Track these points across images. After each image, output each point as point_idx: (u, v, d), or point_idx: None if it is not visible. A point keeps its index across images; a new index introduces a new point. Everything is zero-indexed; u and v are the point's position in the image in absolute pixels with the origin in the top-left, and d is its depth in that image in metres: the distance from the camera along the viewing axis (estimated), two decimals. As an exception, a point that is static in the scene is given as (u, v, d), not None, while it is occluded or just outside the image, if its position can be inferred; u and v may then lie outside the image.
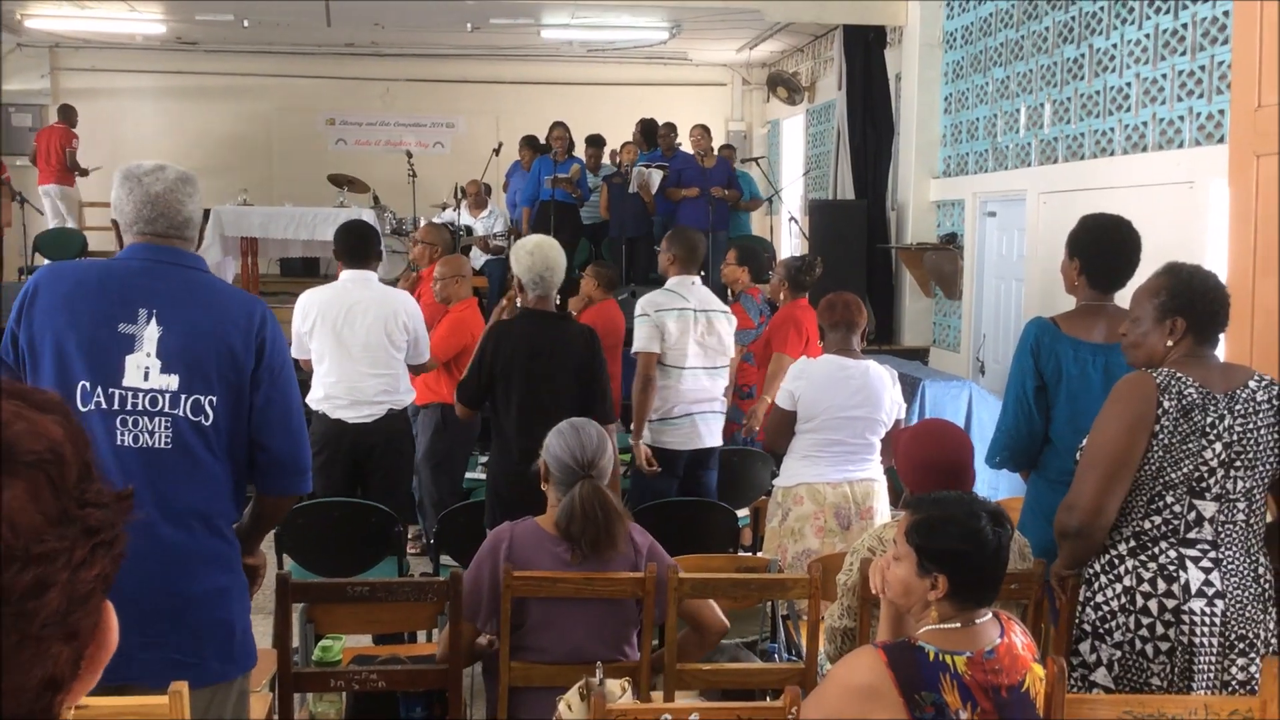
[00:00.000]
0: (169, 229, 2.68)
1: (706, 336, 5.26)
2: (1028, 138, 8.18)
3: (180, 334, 2.58)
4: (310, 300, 5.21)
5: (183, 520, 2.57)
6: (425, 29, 13.03)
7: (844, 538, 4.43)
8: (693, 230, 5.96)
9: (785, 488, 4.58)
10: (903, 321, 10.26)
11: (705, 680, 3.19)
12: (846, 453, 4.50)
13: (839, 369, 4.53)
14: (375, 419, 5.19)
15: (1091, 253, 3.48)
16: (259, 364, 2.65)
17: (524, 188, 10.89)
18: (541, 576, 3.04)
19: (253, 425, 2.67)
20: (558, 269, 4.58)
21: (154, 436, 2.55)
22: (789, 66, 13.98)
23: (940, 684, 2.33)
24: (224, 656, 2.60)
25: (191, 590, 2.56)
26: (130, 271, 2.65)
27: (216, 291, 2.72)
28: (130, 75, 14.67)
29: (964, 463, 3.13)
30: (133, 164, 2.75)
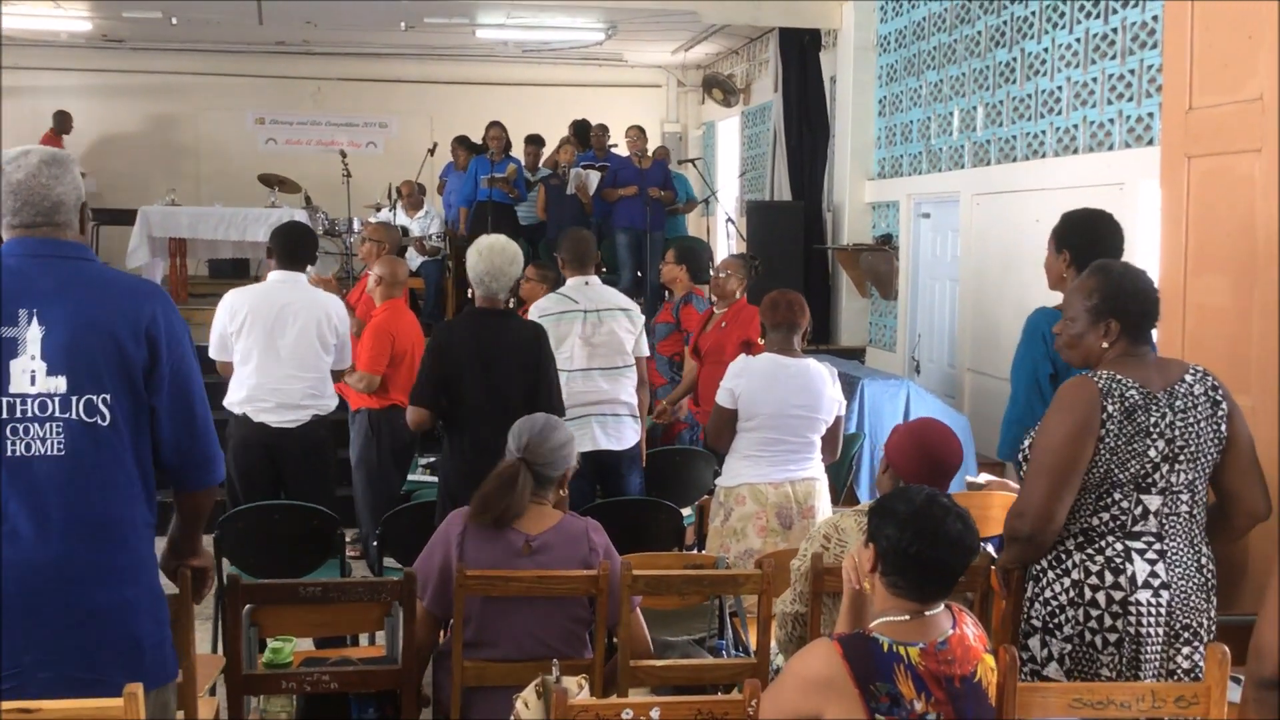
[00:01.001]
0: (36, 216, 2.52)
1: (596, 336, 5.22)
2: (961, 140, 8.31)
3: (64, 332, 2.43)
4: (239, 300, 5.12)
5: (80, 532, 2.43)
6: (358, 28, 12.91)
7: (786, 537, 4.46)
8: (581, 230, 5.92)
9: (728, 488, 4.60)
10: (839, 321, 10.37)
11: (659, 677, 3.21)
12: (788, 452, 4.53)
13: (779, 368, 4.55)
14: (300, 424, 5.11)
15: (1083, 244, 3.50)
16: (154, 357, 2.51)
17: (460, 188, 10.82)
18: (495, 575, 3.03)
19: (156, 423, 2.55)
20: (504, 274, 4.58)
21: (45, 444, 2.41)
22: (724, 68, 14.06)
23: (895, 675, 2.37)
24: (131, 673, 2.40)
25: (90, 606, 2.43)
26: (7, 271, 2.48)
27: (102, 282, 2.54)
28: (55, 74, 14.34)
29: (952, 463, 3.20)
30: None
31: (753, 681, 2.32)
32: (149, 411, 2.53)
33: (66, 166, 2.58)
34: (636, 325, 5.35)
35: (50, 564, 2.39)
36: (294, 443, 5.10)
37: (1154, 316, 3.00)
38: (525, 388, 4.45)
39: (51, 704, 2.06)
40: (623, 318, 5.29)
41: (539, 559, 3.19)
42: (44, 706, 2.02)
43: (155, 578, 2.60)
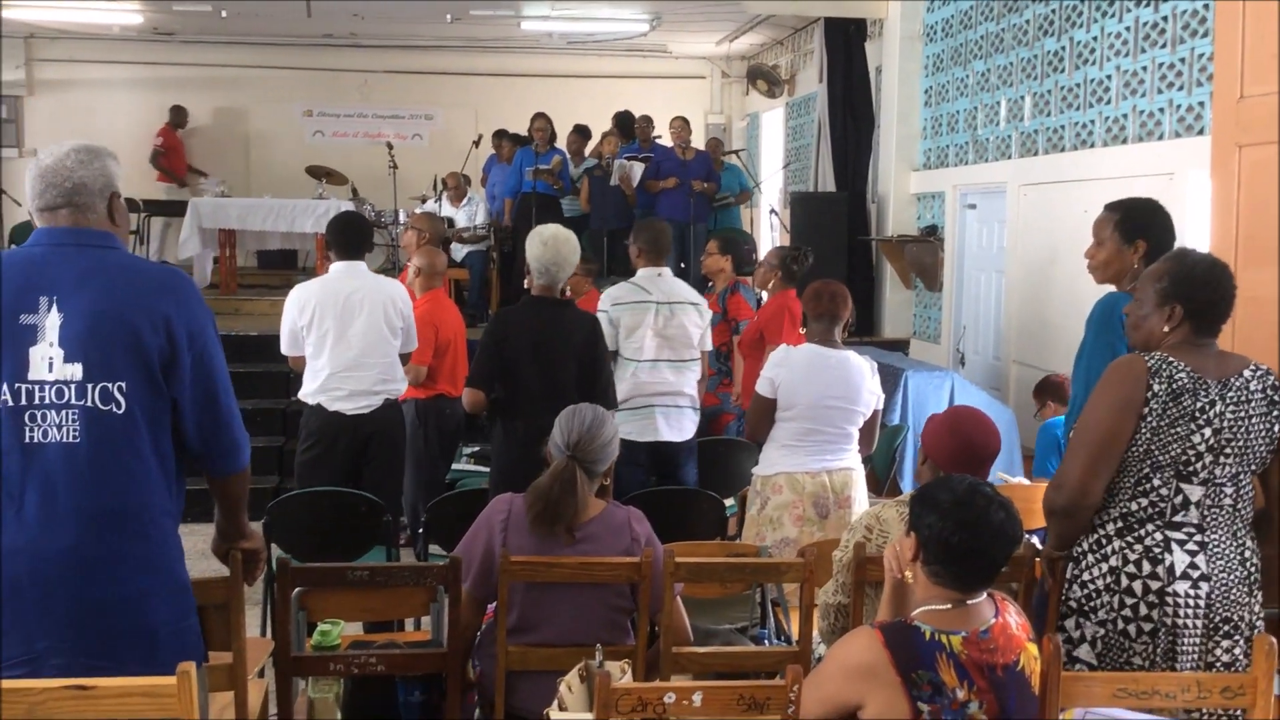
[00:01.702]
0: (58, 198, 2.54)
1: (668, 329, 5.26)
2: (1008, 130, 8.25)
3: (80, 320, 2.45)
4: (306, 293, 5.19)
5: (94, 520, 2.44)
6: (404, 20, 12.98)
7: (821, 526, 4.47)
8: (659, 221, 5.97)
9: (764, 476, 4.61)
10: (883, 313, 10.32)
11: (701, 664, 3.22)
12: (825, 442, 4.54)
13: (819, 358, 4.56)
14: (373, 409, 5.18)
15: (1158, 234, 3.44)
16: (173, 346, 2.51)
17: (505, 179, 10.88)
18: (538, 562, 3.06)
19: (179, 412, 2.56)
20: (565, 263, 4.66)
21: (61, 430, 2.43)
22: (769, 59, 14.02)
23: (937, 663, 2.37)
24: (146, 661, 2.44)
25: (103, 594, 2.44)
26: (30, 259, 2.52)
27: (123, 271, 2.55)
28: (106, 66, 14.53)
29: (990, 453, 3.19)
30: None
31: (795, 668, 2.34)
32: (169, 400, 2.54)
33: (97, 155, 2.60)
34: (704, 319, 5.40)
35: (64, 551, 2.42)
36: (370, 426, 5.17)
37: (1223, 311, 2.95)
38: (579, 377, 4.51)
39: (106, 681, 2.11)
40: (693, 311, 5.34)
41: (581, 548, 3.22)
42: (99, 684, 2.07)
43: (176, 565, 2.61)
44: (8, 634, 2.40)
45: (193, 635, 2.63)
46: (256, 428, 8.28)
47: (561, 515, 3.19)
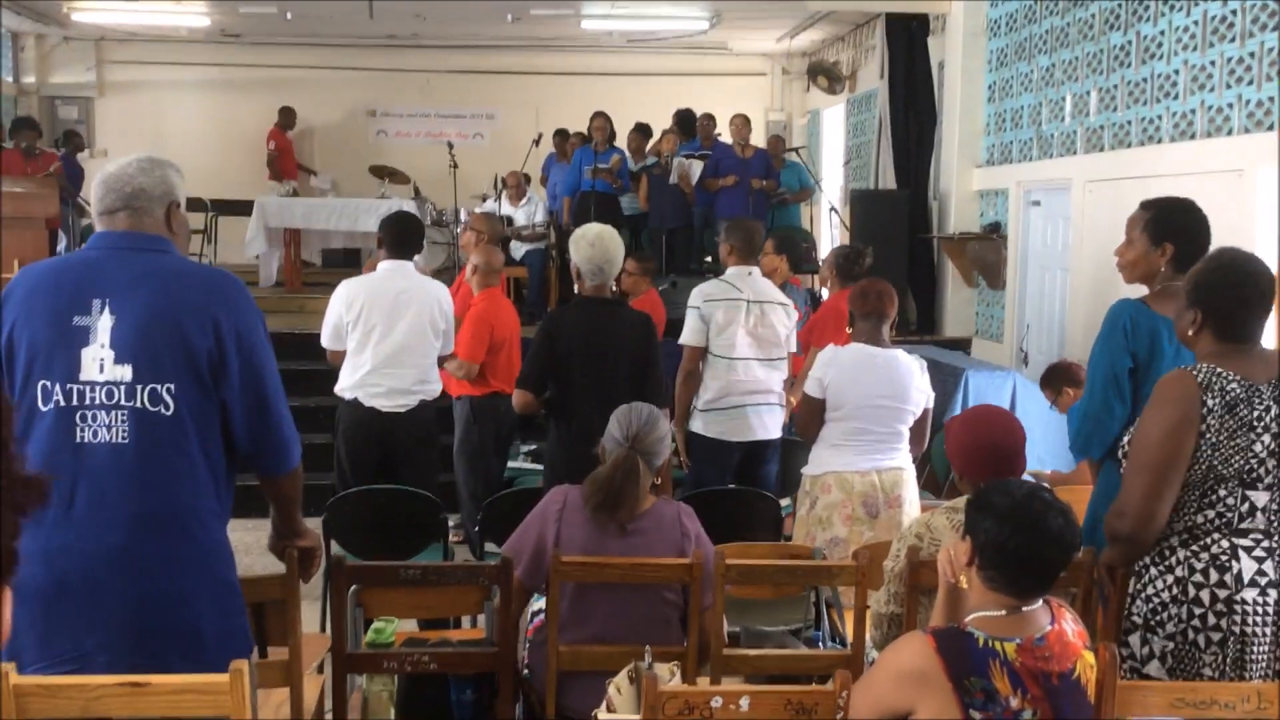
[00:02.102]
0: (116, 202, 2.59)
1: (759, 328, 5.25)
2: (1073, 126, 8.12)
3: (131, 322, 2.49)
4: (354, 289, 5.25)
5: (142, 520, 2.47)
6: (466, 20, 13.08)
7: (871, 526, 4.44)
8: (752, 221, 5.98)
9: (813, 476, 4.59)
10: (945, 312, 10.21)
11: (752, 666, 3.21)
12: (874, 441, 4.50)
13: (867, 357, 4.52)
14: (408, 409, 5.22)
15: (1185, 237, 3.38)
16: (221, 349, 2.54)
17: (565, 178, 10.91)
18: (590, 561, 3.07)
19: (228, 413, 2.58)
20: (616, 261, 4.67)
21: (111, 431, 2.46)
22: (830, 56, 13.92)
23: (990, 670, 2.34)
24: (192, 662, 2.46)
25: (151, 595, 2.47)
26: (86, 262, 2.57)
27: (175, 274, 2.58)
28: (174, 68, 14.81)
29: (1014, 447, 3.12)
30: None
31: (844, 673, 2.32)
32: (217, 402, 2.56)
33: (159, 164, 2.66)
34: (791, 319, 5.40)
35: (112, 550, 2.45)
36: (404, 427, 5.22)
37: (1243, 316, 2.86)
38: (632, 377, 4.51)
39: (161, 678, 2.14)
40: (781, 311, 5.34)
41: (632, 541, 3.24)
42: (153, 680, 2.10)
43: (223, 566, 2.63)
44: (57, 632, 2.44)
45: (240, 635, 2.65)
46: (317, 425, 8.36)
47: (623, 503, 3.24)
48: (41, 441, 2.47)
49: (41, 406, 2.47)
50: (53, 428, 2.47)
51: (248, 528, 5.21)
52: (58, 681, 2.21)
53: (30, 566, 2.42)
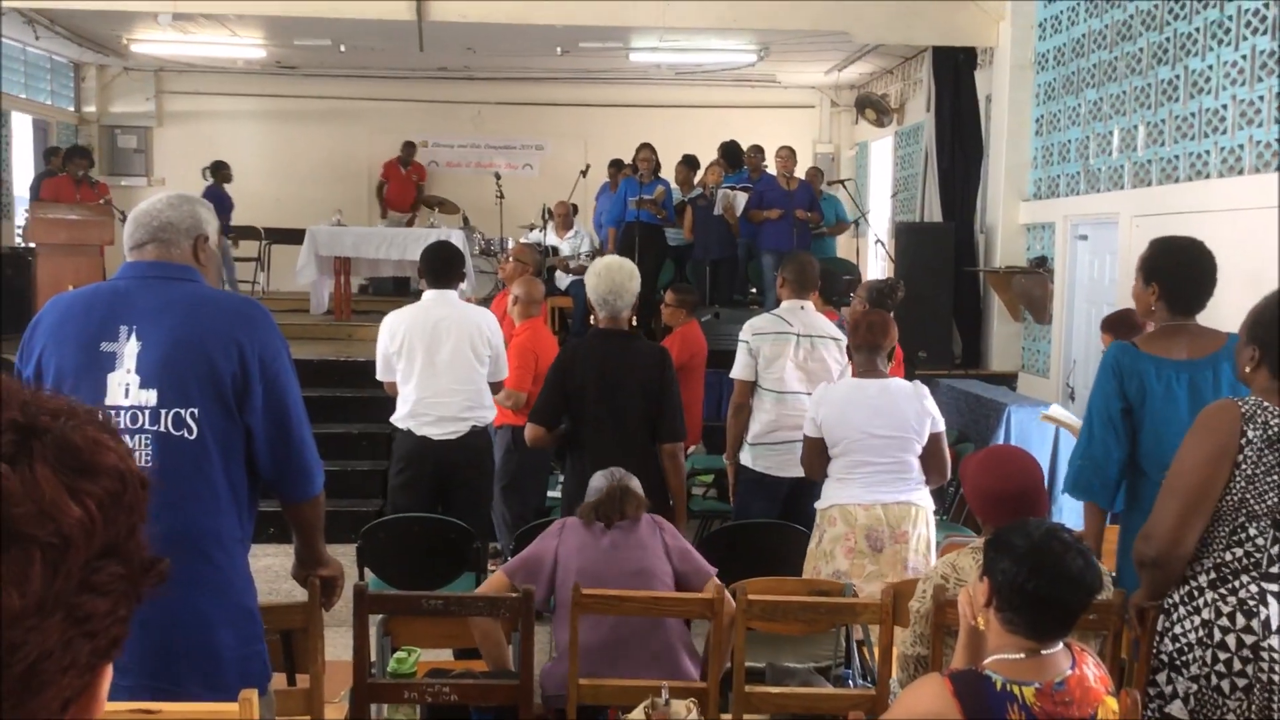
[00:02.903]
0: (145, 236, 2.65)
1: (809, 362, 5.23)
2: (1121, 160, 8.04)
3: (157, 348, 2.53)
4: (397, 320, 5.32)
5: (164, 544, 2.41)
6: (516, 53, 13.21)
7: (875, 560, 4.38)
8: (806, 254, 5.97)
9: (821, 509, 4.56)
10: (990, 346, 10.12)
11: (774, 704, 3.19)
12: (877, 473, 4.43)
13: (856, 390, 4.50)
14: (459, 435, 5.26)
15: (1170, 276, 3.41)
16: (245, 374, 2.56)
17: (609, 209, 10.97)
18: (610, 595, 3.07)
19: (252, 439, 2.60)
20: (625, 292, 4.66)
21: (135, 455, 2.46)
22: (878, 88, 13.90)
23: (1007, 714, 2.30)
24: (210, 686, 2.48)
25: (169, 617, 2.47)
26: (114, 290, 2.62)
27: (201, 302, 2.62)
28: (231, 99, 15.10)
29: (1031, 490, 3.08)
30: None
31: (856, 715, 2.30)
32: (242, 427, 2.59)
33: (188, 200, 2.72)
34: (844, 355, 5.31)
35: None
36: (456, 453, 5.26)
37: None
38: (646, 409, 4.49)
39: (172, 706, 2.17)
40: (833, 346, 5.30)
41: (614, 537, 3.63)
42: (164, 708, 2.12)
43: (243, 592, 2.64)
44: None
45: (258, 662, 2.65)
46: (362, 451, 8.46)
47: (625, 513, 3.67)
48: None
49: None
50: None
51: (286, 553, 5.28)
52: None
53: None
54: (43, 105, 13.93)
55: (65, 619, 0.76)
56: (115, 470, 0.81)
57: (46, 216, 9.74)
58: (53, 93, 14.21)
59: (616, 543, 3.62)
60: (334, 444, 8.20)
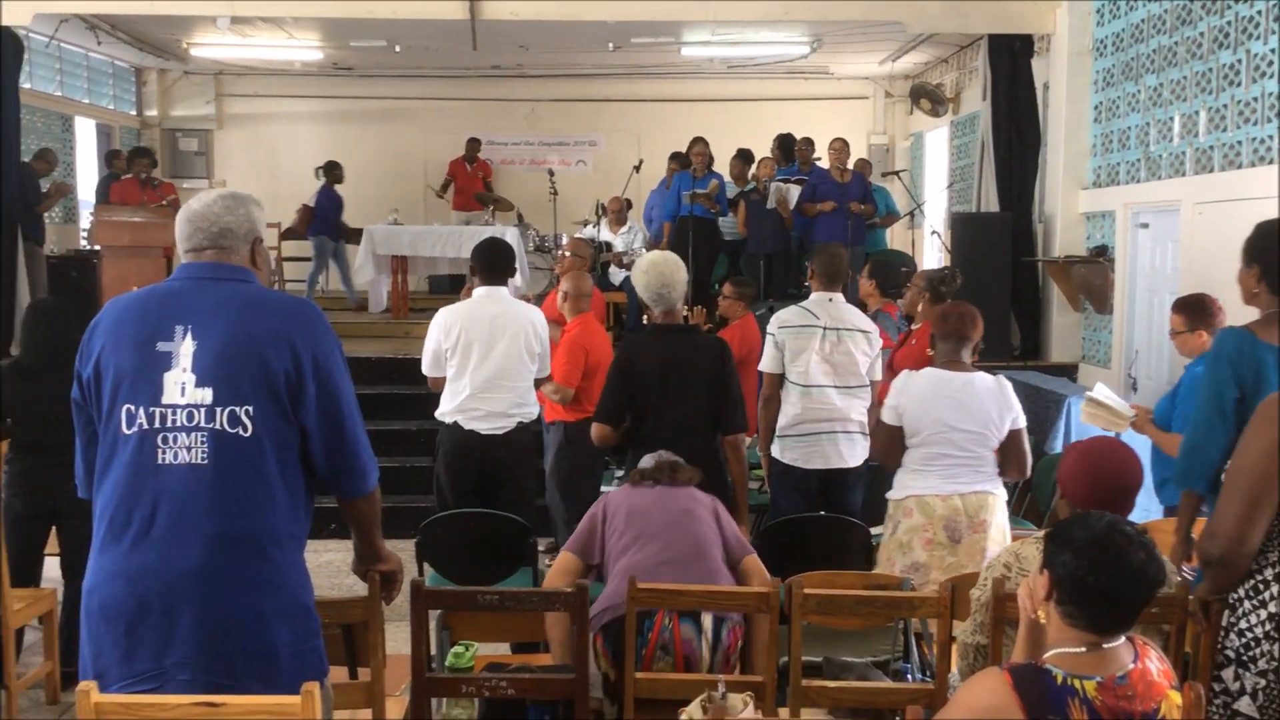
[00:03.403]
0: (204, 241, 2.68)
1: (835, 355, 5.21)
2: (1182, 146, 7.90)
3: (213, 346, 2.56)
4: (451, 316, 5.36)
5: (219, 541, 2.52)
6: (568, 49, 13.25)
7: (953, 551, 4.37)
8: (836, 246, 5.94)
9: (896, 500, 4.56)
10: (1050, 336, 9.98)
11: (832, 698, 3.18)
12: (956, 465, 4.44)
13: (941, 382, 4.48)
14: (506, 431, 5.31)
15: (1271, 257, 3.32)
16: (299, 372, 2.60)
17: (663, 203, 10.97)
18: (665, 589, 3.07)
19: (307, 437, 2.64)
20: (676, 283, 4.69)
21: (191, 452, 2.52)
22: (933, 78, 13.77)
23: (1068, 708, 2.27)
24: (267, 681, 2.51)
25: (227, 617, 2.52)
26: (170, 291, 2.66)
27: (254, 302, 2.66)
28: (289, 100, 15.29)
29: (1128, 486, 3.04)
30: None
31: (914, 709, 2.28)
32: (296, 425, 2.62)
33: (243, 202, 2.74)
34: (874, 347, 5.34)
35: (190, 571, 2.50)
36: (502, 449, 5.31)
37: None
38: (709, 402, 4.51)
39: (234, 699, 2.20)
40: (861, 339, 5.29)
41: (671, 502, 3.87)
42: (228, 701, 2.16)
43: (299, 587, 2.66)
44: (138, 650, 2.51)
45: (314, 656, 2.68)
46: (420, 448, 8.52)
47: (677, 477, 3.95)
48: (125, 465, 2.55)
49: (125, 430, 2.55)
50: (136, 450, 2.55)
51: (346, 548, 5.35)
52: (137, 700, 2.28)
53: (113, 586, 2.52)
54: (106, 110, 14.18)
55: None
56: None
57: (111, 219, 9.93)
58: (115, 97, 14.47)
59: (665, 492, 3.91)
60: (392, 440, 8.29)
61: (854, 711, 3.25)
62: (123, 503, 2.54)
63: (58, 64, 12.82)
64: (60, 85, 12.95)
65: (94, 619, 2.55)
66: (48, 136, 12.43)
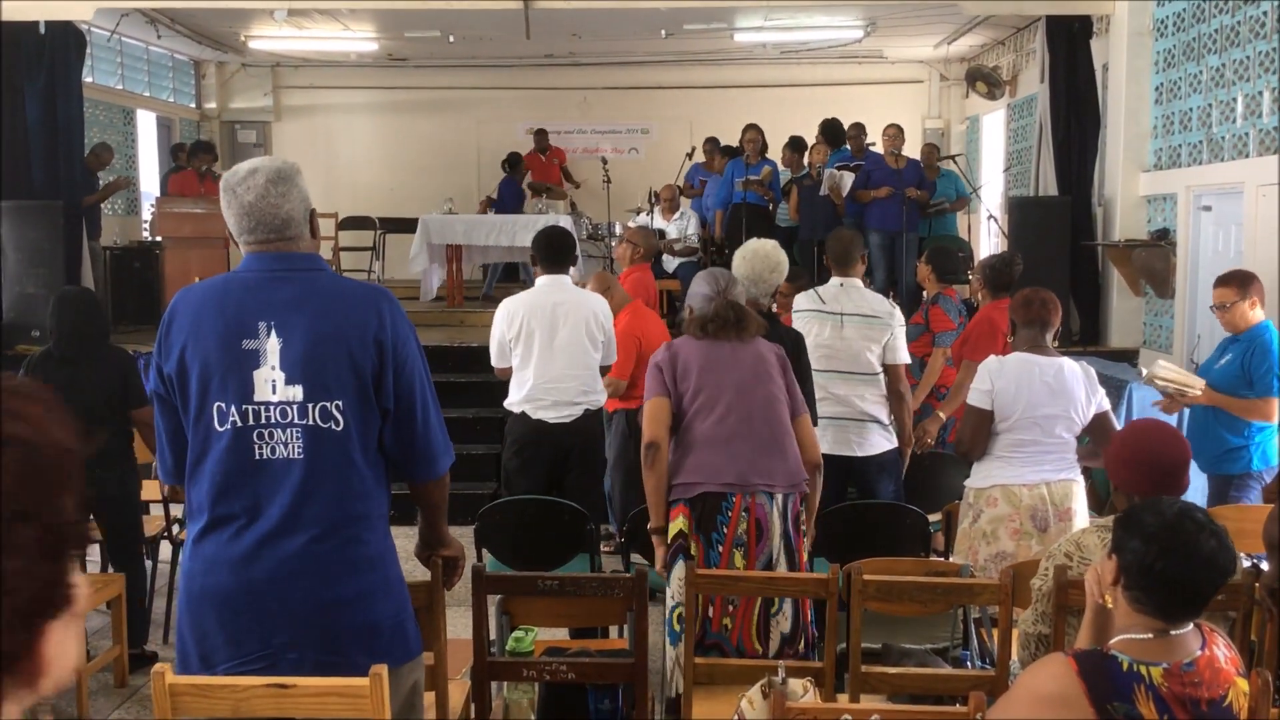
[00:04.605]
0: (270, 234, 2.68)
1: (836, 341, 5.20)
2: (1245, 128, 7.75)
3: (299, 343, 2.60)
4: (515, 306, 5.38)
5: (320, 527, 2.61)
6: (621, 37, 13.24)
7: (1040, 540, 4.32)
8: (847, 231, 5.92)
9: (978, 489, 4.49)
10: (1110, 322, 9.85)
11: (892, 684, 3.17)
12: (1041, 452, 4.39)
13: (1032, 366, 4.44)
14: (574, 419, 5.32)
15: None
16: (381, 362, 2.64)
17: (716, 191, 10.94)
18: (724, 575, 3.08)
19: (384, 423, 2.69)
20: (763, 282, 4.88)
21: (288, 448, 2.60)
22: (989, 61, 13.60)
23: (1134, 695, 2.26)
24: (371, 653, 2.61)
25: (332, 597, 2.61)
26: (246, 286, 2.67)
27: (332, 294, 2.69)
28: (345, 91, 15.41)
29: (1177, 462, 3.02)
30: (229, 172, 2.74)
31: (979, 695, 2.28)
32: (379, 412, 2.68)
33: (292, 181, 2.71)
34: (883, 334, 5.24)
35: (295, 556, 2.59)
36: (571, 436, 5.33)
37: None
38: None
39: (305, 681, 2.24)
40: (864, 325, 5.24)
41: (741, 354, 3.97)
42: (298, 683, 2.20)
43: (391, 565, 2.75)
44: (247, 633, 2.60)
45: (412, 625, 2.78)
46: (477, 435, 8.60)
47: (745, 326, 4.00)
48: (220, 459, 2.62)
49: (218, 427, 2.61)
50: (231, 446, 2.62)
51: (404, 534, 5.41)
52: (209, 682, 2.34)
53: (218, 574, 2.61)
54: (166, 103, 14.39)
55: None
56: (23, 439, 0.84)
57: (173, 210, 10.09)
58: (175, 90, 14.68)
59: (734, 348, 3.98)
60: (449, 428, 8.31)
61: (914, 698, 3.24)
62: (223, 495, 2.62)
63: (119, 58, 13.03)
64: (121, 79, 13.16)
65: (198, 604, 2.63)
66: (110, 129, 12.64)
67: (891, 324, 5.26)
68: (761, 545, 3.65)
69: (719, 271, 4.26)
